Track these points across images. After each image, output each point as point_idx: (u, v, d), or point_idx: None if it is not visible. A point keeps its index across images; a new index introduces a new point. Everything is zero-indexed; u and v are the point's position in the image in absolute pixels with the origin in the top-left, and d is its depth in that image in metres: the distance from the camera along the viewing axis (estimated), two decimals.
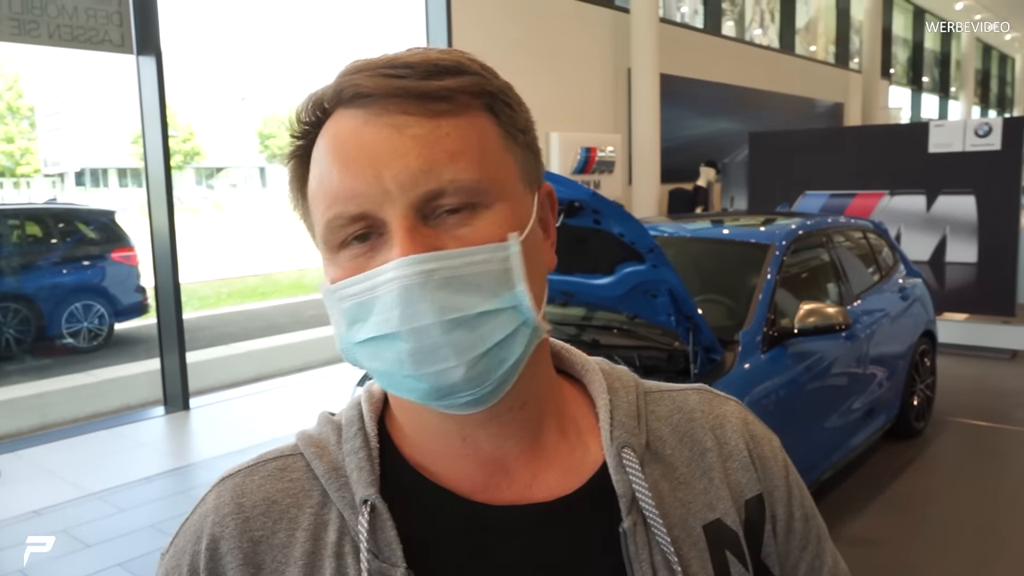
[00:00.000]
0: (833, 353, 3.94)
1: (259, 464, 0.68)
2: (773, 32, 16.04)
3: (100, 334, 8.69)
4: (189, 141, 54.88)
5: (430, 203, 0.58)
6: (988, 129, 6.70)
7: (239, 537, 0.63)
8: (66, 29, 5.11)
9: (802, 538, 0.74)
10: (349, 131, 0.59)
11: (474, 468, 0.65)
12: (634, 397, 0.71)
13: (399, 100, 0.58)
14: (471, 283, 0.58)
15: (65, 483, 4.52)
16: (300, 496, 0.65)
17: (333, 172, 0.59)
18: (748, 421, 0.75)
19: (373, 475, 0.64)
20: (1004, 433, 5.13)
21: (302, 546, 0.63)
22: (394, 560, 0.62)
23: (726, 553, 0.67)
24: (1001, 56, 33.84)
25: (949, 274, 6.95)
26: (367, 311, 0.59)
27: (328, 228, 0.60)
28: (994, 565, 3.54)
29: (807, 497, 0.76)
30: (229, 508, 0.64)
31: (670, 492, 0.67)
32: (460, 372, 0.58)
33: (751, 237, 4.21)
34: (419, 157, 0.57)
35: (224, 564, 0.63)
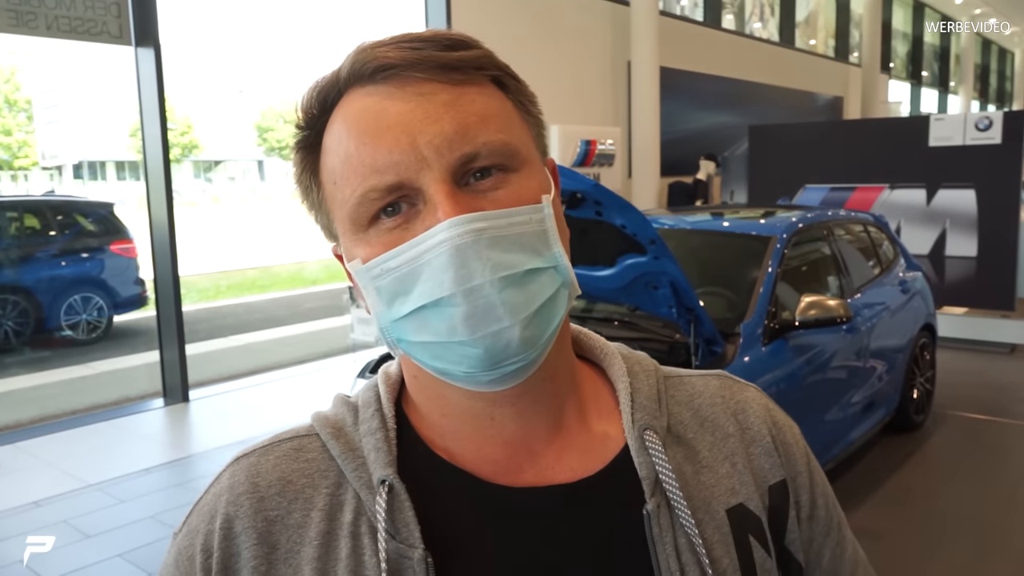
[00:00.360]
0: (834, 346, 3.94)
1: (274, 444, 0.67)
2: (773, 25, 16.01)
3: (99, 326, 8.68)
4: (187, 134, 54.78)
5: (465, 166, 0.58)
6: (988, 123, 6.70)
7: (254, 516, 0.62)
8: (64, 20, 5.09)
9: (825, 525, 0.74)
10: (374, 105, 0.59)
11: (498, 450, 0.65)
12: (654, 381, 0.71)
13: (423, 70, 0.58)
14: (516, 242, 0.58)
15: (65, 474, 4.52)
16: (315, 476, 0.64)
17: (363, 147, 0.59)
18: (770, 408, 0.75)
19: (391, 455, 0.64)
20: (1003, 427, 5.14)
21: (317, 526, 0.62)
22: (412, 541, 0.61)
23: (749, 537, 0.66)
24: (1001, 51, 33.80)
25: (949, 268, 6.95)
26: (412, 281, 0.58)
27: (360, 203, 0.59)
28: (993, 559, 3.55)
29: (827, 484, 0.76)
30: (244, 487, 0.64)
31: (693, 475, 0.67)
32: (516, 332, 0.57)
33: (752, 230, 4.21)
34: (452, 121, 0.58)
35: (239, 543, 0.62)
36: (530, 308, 0.58)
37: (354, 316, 4.82)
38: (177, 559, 0.65)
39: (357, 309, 4.79)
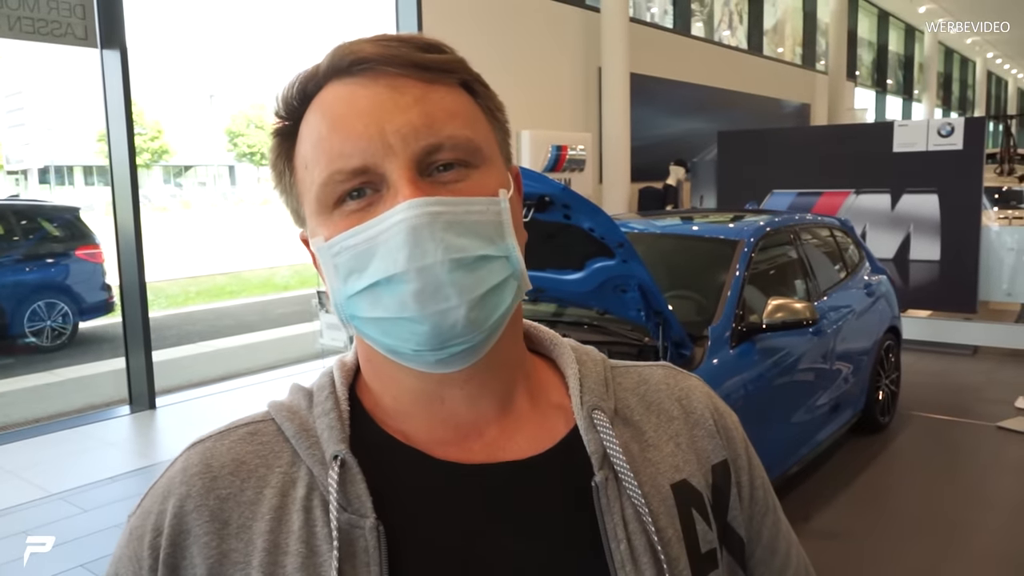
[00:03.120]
0: (800, 348, 3.99)
1: (230, 430, 0.69)
2: (741, 33, 16.20)
3: (64, 333, 8.54)
4: (157, 139, 54.10)
5: (429, 156, 0.61)
6: (951, 129, 6.82)
7: (205, 495, 0.64)
8: (27, 21, 5.01)
9: (763, 504, 0.78)
10: (347, 94, 0.62)
11: (448, 431, 0.67)
12: (602, 369, 0.75)
13: (397, 65, 0.61)
14: (471, 229, 0.60)
15: (27, 483, 4.43)
16: (269, 457, 0.66)
17: (333, 132, 0.61)
18: (711, 395, 0.79)
19: (344, 433, 0.66)
20: (966, 427, 5.23)
21: (269, 502, 0.64)
22: (363, 511, 0.62)
23: (692, 511, 0.69)
24: (963, 59, 34.48)
25: (913, 271, 7.07)
26: (368, 259, 0.60)
27: (326, 184, 0.61)
28: (957, 556, 3.61)
29: (763, 469, 0.80)
30: (197, 469, 0.66)
31: (639, 452, 0.70)
32: (462, 312, 0.59)
33: (720, 233, 4.25)
34: (420, 113, 0.61)
35: (189, 521, 0.63)
36: (477, 291, 0.60)
37: (323, 321, 4.79)
38: (128, 539, 0.66)
39: (326, 314, 4.76)
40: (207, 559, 0.62)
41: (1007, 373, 6.41)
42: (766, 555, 0.78)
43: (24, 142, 53.49)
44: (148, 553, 0.63)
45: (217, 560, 0.62)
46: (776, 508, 0.81)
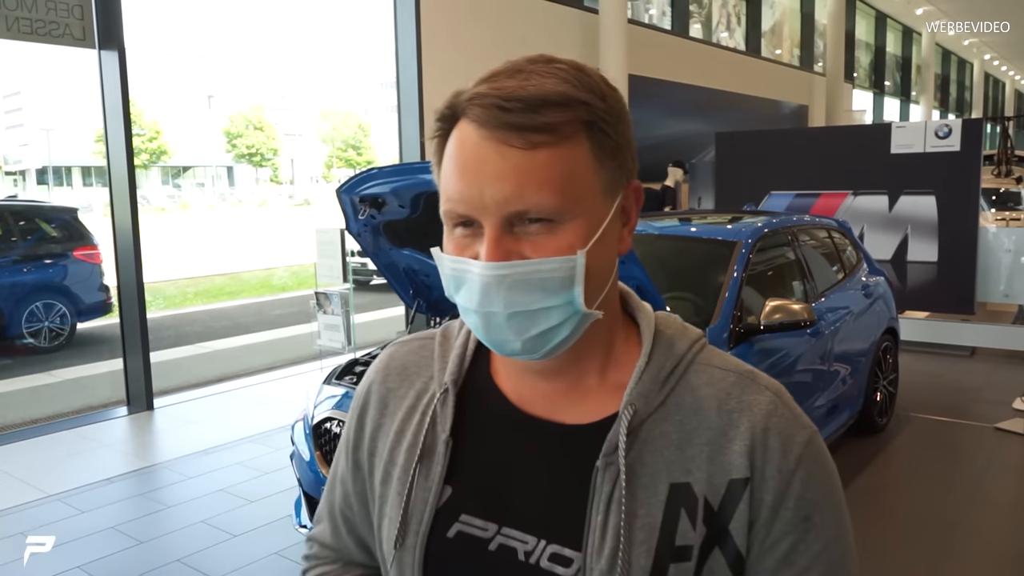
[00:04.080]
0: (798, 349, 4.00)
1: (412, 339, 0.98)
2: (739, 35, 16.22)
3: (62, 333, 8.53)
4: (156, 140, 54.02)
5: (516, 216, 0.74)
6: (948, 131, 6.83)
7: (380, 384, 0.96)
8: (25, 22, 5.01)
9: (787, 524, 0.80)
10: (470, 146, 0.75)
11: (527, 389, 0.87)
12: (673, 364, 0.84)
13: (505, 132, 0.73)
14: (536, 286, 0.75)
15: (25, 485, 4.43)
16: (422, 368, 0.94)
17: (453, 177, 0.76)
18: (774, 414, 0.82)
19: (459, 370, 0.90)
20: (964, 428, 5.24)
21: (410, 400, 0.92)
22: (444, 428, 0.87)
23: (681, 511, 0.78)
24: (960, 61, 34.54)
25: (911, 273, 7.07)
26: (459, 283, 0.78)
27: (445, 213, 0.78)
28: (954, 557, 3.61)
29: (817, 499, 0.82)
30: (382, 365, 0.97)
31: (659, 449, 0.81)
32: (517, 344, 0.78)
33: (718, 235, 4.25)
34: (514, 183, 0.73)
35: (371, 398, 0.96)
36: (532, 332, 0.77)
37: (321, 323, 4.78)
38: (354, 398, 0.99)
39: (324, 316, 4.76)
40: (371, 425, 0.95)
41: (1005, 374, 6.42)
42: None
43: (22, 143, 53.44)
44: (355, 408, 0.98)
45: (376, 427, 0.94)
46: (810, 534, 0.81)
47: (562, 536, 0.80)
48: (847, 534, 0.86)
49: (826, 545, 0.82)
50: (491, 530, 0.83)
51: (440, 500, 0.86)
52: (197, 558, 3.60)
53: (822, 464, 0.83)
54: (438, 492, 0.86)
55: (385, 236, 3.65)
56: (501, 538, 0.83)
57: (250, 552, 3.65)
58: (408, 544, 0.86)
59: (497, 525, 0.83)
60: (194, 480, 4.49)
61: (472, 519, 0.84)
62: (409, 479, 0.87)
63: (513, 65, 0.77)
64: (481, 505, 0.85)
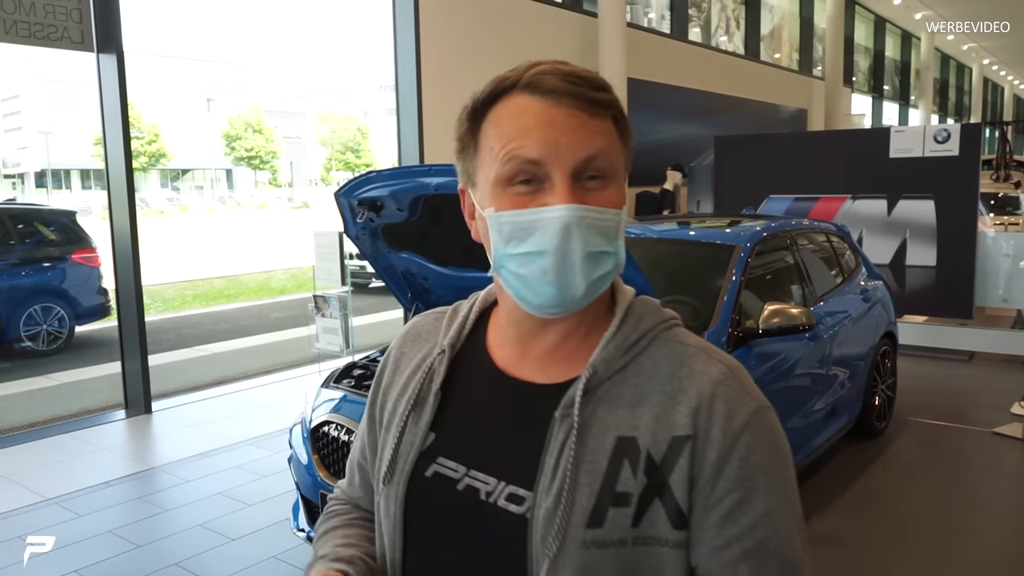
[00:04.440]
0: (797, 354, 3.99)
1: (430, 312, 1.11)
2: (738, 39, 16.24)
3: (60, 337, 8.52)
4: (155, 143, 54.01)
5: (585, 165, 0.85)
6: (947, 135, 6.84)
7: (399, 348, 1.09)
8: (23, 25, 5.01)
9: (731, 482, 0.86)
10: (539, 109, 0.86)
11: (519, 352, 0.97)
12: (638, 336, 0.94)
13: (574, 99, 0.86)
14: (601, 231, 0.86)
15: (22, 488, 4.42)
16: (432, 335, 1.07)
17: (525, 129, 0.86)
18: (722, 383, 0.90)
19: (457, 336, 1.03)
20: (963, 432, 5.23)
21: (416, 362, 1.05)
22: (437, 383, 1.00)
23: (624, 460, 0.87)
24: (959, 65, 34.59)
25: (909, 277, 7.07)
26: (527, 233, 0.86)
27: (507, 162, 0.86)
28: (953, 561, 3.61)
29: (761, 464, 0.87)
30: (404, 332, 1.11)
31: (613, 407, 0.90)
32: (581, 286, 0.86)
33: (717, 238, 4.25)
34: (585, 135, 0.86)
35: (390, 359, 1.09)
36: (594, 275, 0.87)
37: (319, 326, 4.78)
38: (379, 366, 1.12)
39: (322, 319, 4.75)
40: (386, 382, 1.08)
41: (1003, 379, 6.41)
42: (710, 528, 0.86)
43: (21, 146, 53.43)
44: (380, 369, 1.10)
45: (389, 384, 1.07)
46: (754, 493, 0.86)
47: (518, 478, 0.90)
48: (794, 504, 0.90)
49: (769, 510, 0.87)
50: (460, 472, 0.94)
51: (424, 444, 0.98)
52: (195, 562, 3.59)
53: (770, 434, 0.89)
54: (423, 437, 0.98)
55: (383, 239, 3.65)
56: (468, 479, 0.93)
57: (248, 556, 3.64)
58: (394, 480, 0.98)
59: (466, 468, 0.94)
60: (192, 484, 4.48)
61: (447, 461, 0.96)
62: (402, 424, 1.00)
63: (545, 61, 0.89)
64: (455, 450, 0.96)
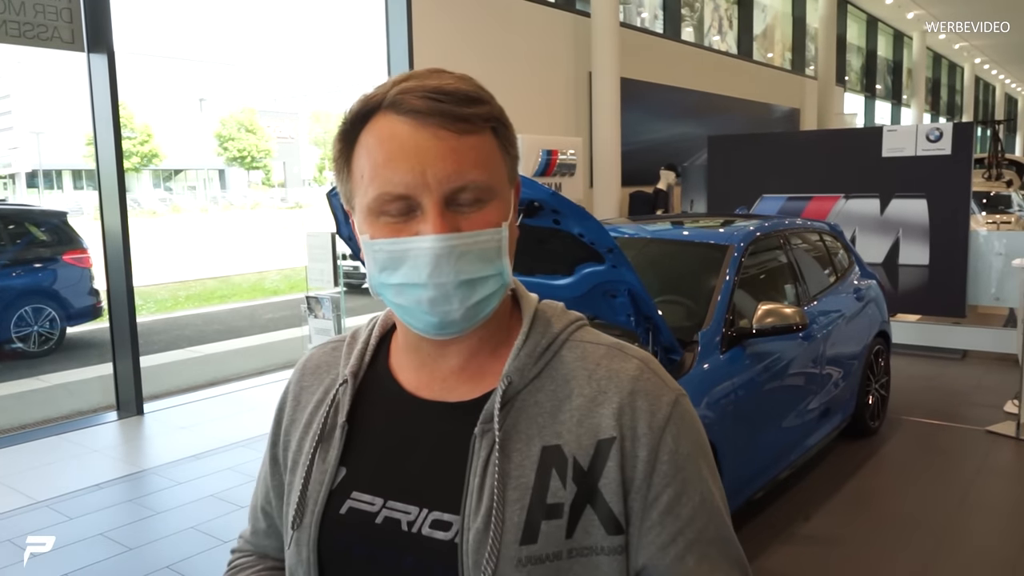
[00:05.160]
0: (790, 353, 3.99)
1: (327, 342, 1.06)
2: (731, 38, 16.26)
3: (51, 338, 8.48)
4: (147, 143, 53.79)
5: (455, 195, 0.82)
6: (939, 134, 6.85)
7: (297, 383, 1.03)
8: (13, 25, 4.97)
9: (665, 477, 0.86)
10: (403, 134, 0.82)
11: (424, 375, 0.93)
12: (548, 341, 0.92)
13: (440, 119, 0.81)
14: (477, 256, 0.83)
15: (12, 491, 4.39)
16: (332, 366, 1.01)
17: (388, 162, 0.82)
18: (637, 379, 0.89)
19: (359, 363, 0.98)
20: (955, 431, 5.24)
21: (318, 395, 1.00)
22: (342, 415, 0.94)
23: (552, 470, 0.85)
24: (951, 65, 34.70)
25: (902, 276, 7.08)
26: (399, 263, 0.83)
27: (376, 199, 0.83)
28: (946, 559, 3.61)
29: (689, 453, 0.88)
30: (301, 366, 1.05)
31: (533, 416, 0.87)
32: (460, 312, 0.84)
33: (710, 238, 4.25)
34: (453, 162, 0.81)
35: (288, 396, 1.03)
36: (473, 299, 0.84)
37: (312, 327, 4.76)
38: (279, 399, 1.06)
39: (315, 319, 4.73)
40: (287, 421, 1.02)
41: (996, 377, 6.43)
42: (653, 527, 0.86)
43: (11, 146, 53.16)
44: (277, 408, 1.04)
45: (290, 422, 1.01)
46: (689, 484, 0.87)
47: (441, 503, 0.86)
48: (718, 483, 0.92)
49: (704, 496, 0.88)
50: (377, 504, 0.89)
51: (335, 481, 0.92)
52: (187, 565, 3.57)
53: (691, 421, 0.90)
54: (333, 473, 0.92)
55: None
56: (386, 511, 0.89)
57: None
58: (305, 523, 0.92)
59: (383, 499, 0.89)
60: (184, 486, 4.46)
61: (361, 495, 0.91)
62: (308, 462, 0.94)
63: (416, 72, 0.85)
64: (370, 482, 0.91)
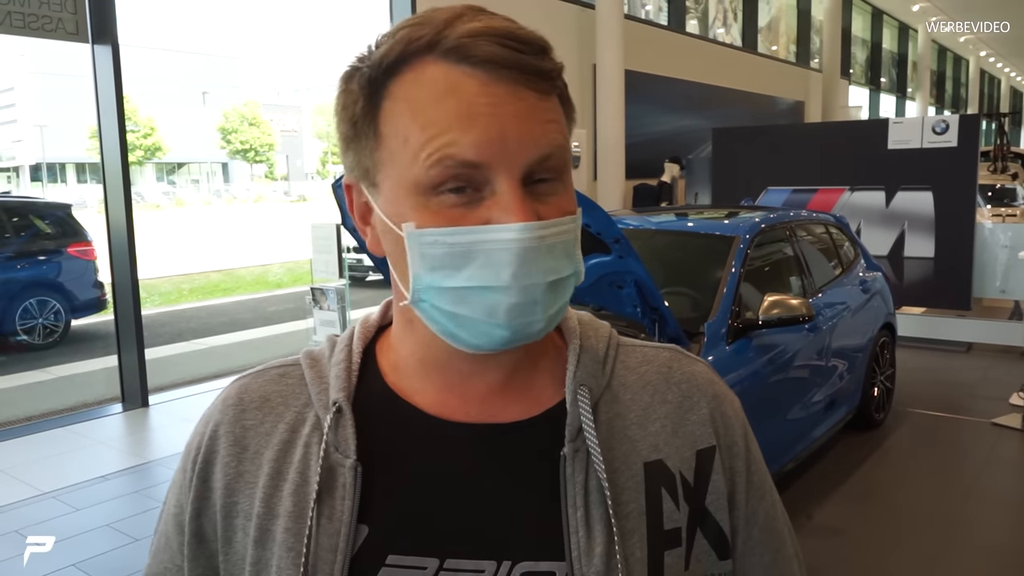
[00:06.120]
0: (796, 345, 3.99)
1: (265, 369, 0.78)
2: (736, 31, 16.21)
3: (56, 330, 8.49)
4: (150, 136, 53.85)
5: (539, 165, 0.64)
6: (945, 127, 6.83)
7: (233, 423, 0.74)
8: (17, 16, 4.97)
9: (759, 488, 0.80)
10: (471, 88, 0.62)
11: (454, 396, 0.72)
12: (604, 346, 0.77)
13: (520, 73, 0.63)
14: (562, 250, 0.65)
15: (19, 482, 4.40)
16: (289, 397, 0.75)
17: (456, 118, 0.62)
18: (713, 381, 0.80)
19: (348, 384, 0.73)
20: (961, 423, 5.24)
21: (281, 435, 0.73)
22: (347, 452, 0.70)
23: (661, 490, 0.72)
24: (956, 58, 34.56)
25: (907, 268, 7.07)
26: (464, 261, 0.63)
27: (434, 167, 0.62)
28: (952, 551, 3.61)
29: (760, 457, 0.82)
30: (232, 401, 0.76)
31: (621, 430, 0.73)
32: (541, 324, 0.65)
33: (716, 230, 4.24)
34: (538, 126, 0.63)
35: (218, 443, 0.74)
36: (556, 307, 0.66)
37: (317, 319, 4.77)
38: (183, 453, 0.78)
39: (320, 311, 4.74)
40: (226, 476, 0.73)
41: (1001, 370, 6.42)
42: (756, 546, 0.79)
43: (16, 139, 53.25)
44: (190, 465, 0.75)
45: (234, 477, 0.72)
46: (772, 492, 0.82)
47: (531, 549, 0.68)
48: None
49: (776, 501, 0.83)
50: (431, 567, 0.67)
51: (355, 544, 0.68)
52: None
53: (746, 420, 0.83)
54: (350, 534, 0.68)
55: None
56: (446, 574, 0.67)
57: None
58: None
59: (438, 559, 0.68)
60: None
61: (403, 559, 0.68)
62: (307, 527, 0.68)
63: (462, 7, 0.65)
64: (412, 540, 0.68)
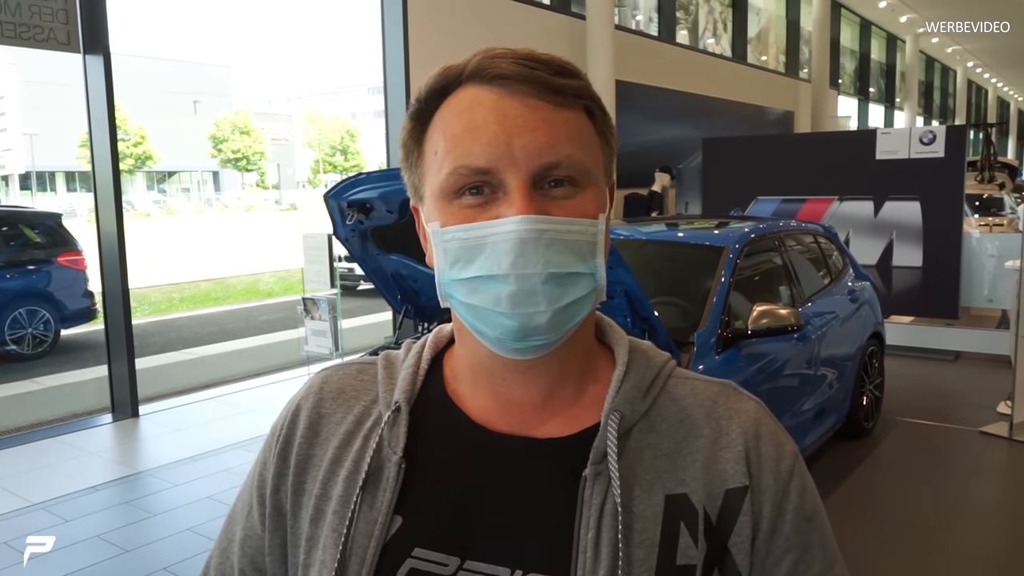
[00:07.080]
0: (785, 354, 4.01)
1: (349, 364, 0.87)
2: (725, 41, 16.31)
3: (46, 340, 8.45)
4: (141, 145, 53.68)
5: (546, 172, 0.69)
6: (932, 137, 6.89)
7: (311, 410, 0.82)
8: (9, 26, 4.97)
9: (788, 540, 0.77)
10: (487, 102, 0.70)
11: (498, 404, 0.78)
12: (652, 375, 0.80)
13: (533, 87, 0.70)
14: (569, 247, 0.70)
15: (8, 493, 4.38)
16: (362, 392, 0.83)
17: (468, 132, 0.70)
18: (761, 422, 0.79)
19: (412, 387, 0.81)
20: (949, 431, 5.27)
21: (347, 426, 0.81)
22: (396, 449, 0.77)
23: (680, 524, 0.73)
24: (943, 68, 34.84)
25: (896, 278, 7.12)
26: (475, 254, 0.70)
27: (452, 175, 0.70)
28: (940, 559, 3.63)
29: (812, 509, 0.79)
30: (315, 389, 0.84)
31: (649, 460, 0.75)
32: (546, 317, 0.70)
33: (705, 240, 4.27)
34: (546, 134, 0.69)
35: (297, 424, 0.82)
36: (563, 301, 0.70)
37: (308, 328, 4.77)
38: (269, 432, 0.86)
39: (311, 321, 4.74)
40: (299, 456, 0.81)
41: (988, 378, 6.46)
42: None
43: (5, 147, 53.03)
44: (274, 443, 0.83)
45: (305, 459, 0.81)
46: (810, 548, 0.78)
47: (542, 563, 0.71)
48: (839, 556, 0.81)
49: (826, 567, 0.79)
50: (452, 565, 0.72)
51: (388, 533, 0.74)
52: (183, 567, 3.56)
53: (810, 478, 0.80)
54: (385, 523, 0.74)
55: (373, 241, 3.64)
56: (465, 574, 0.72)
57: None
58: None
59: (459, 559, 0.72)
60: (180, 488, 4.45)
61: (428, 553, 0.73)
62: (350, 511, 0.74)
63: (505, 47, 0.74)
64: (439, 536, 0.73)
